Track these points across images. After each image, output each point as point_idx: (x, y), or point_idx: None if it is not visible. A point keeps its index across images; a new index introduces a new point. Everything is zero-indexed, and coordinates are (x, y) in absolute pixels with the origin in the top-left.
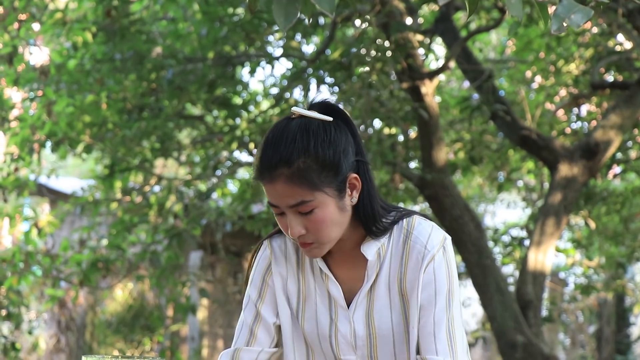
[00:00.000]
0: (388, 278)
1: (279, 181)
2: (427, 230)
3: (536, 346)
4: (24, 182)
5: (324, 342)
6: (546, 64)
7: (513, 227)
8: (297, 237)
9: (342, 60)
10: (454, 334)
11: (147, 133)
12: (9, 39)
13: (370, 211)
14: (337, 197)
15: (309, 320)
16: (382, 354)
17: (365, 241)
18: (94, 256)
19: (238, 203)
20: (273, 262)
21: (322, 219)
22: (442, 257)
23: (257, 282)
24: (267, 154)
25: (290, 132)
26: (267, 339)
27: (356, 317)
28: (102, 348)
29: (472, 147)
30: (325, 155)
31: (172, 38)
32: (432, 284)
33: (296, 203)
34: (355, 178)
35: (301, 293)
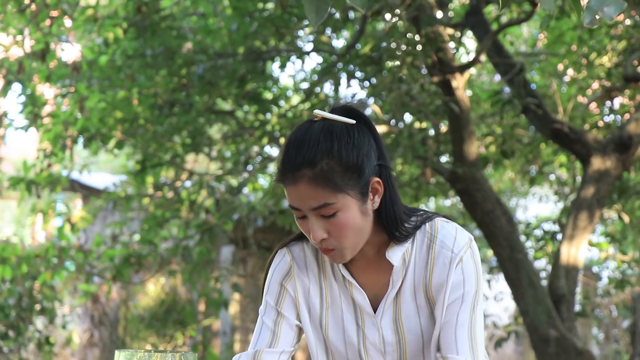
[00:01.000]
0: (413, 283)
1: (302, 183)
2: (452, 233)
3: (569, 341)
4: (57, 178)
5: (351, 349)
6: (578, 57)
7: (545, 221)
8: (319, 241)
9: (372, 55)
10: (476, 335)
11: (178, 128)
12: (42, 35)
13: (393, 216)
14: (360, 200)
15: (335, 328)
16: (411, 357)
17: (390, 247)
18: (127, 251)
19: (269, 198)
20: (295, 268)
21: (344, 222)
22: (470, 258)
23: (275, 288)
24: (290, 155)
25: (314, 134)
26: (290, 337)
27: (384, 323)
28: (135, 342)
29: (503, 141)
30: (349, 157)
31: (202, 33)
32: (462, 285)
33: (319, 205)
34: (377, 182)
35: (324, 301)
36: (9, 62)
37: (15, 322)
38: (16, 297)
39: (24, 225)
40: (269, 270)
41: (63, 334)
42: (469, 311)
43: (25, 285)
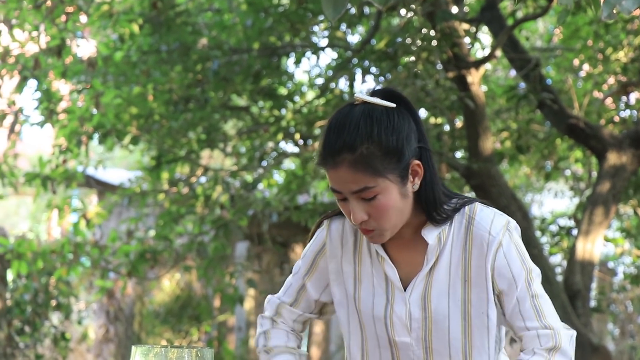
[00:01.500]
0: (449, 264)
1: (342, 167)
2: (490, 216)
3: (585, 336)
4: (72, 174)
5: (379, 323)
6: (594, 52)
7: (561, 217)
8: (359, 223)
9: (387, 50)
10: (541, 305)
11: (193, 124)
12: (57, 31)
13: (432, 198)
14: (399, 183)
15: (365, 302)
16: (437, 339)
17: (426, 226)
18: (142, 247)
19: (284, 193)
20: (328, 244)
21: (384, 205)
22: (510, 240)
23: (309, 259)
24: (331, 139)
25: (354, 118)
26: (308, 307)
27: (412, 299)
28: (151, 338)
29: (518, 136)
30: (389, 141)
31: (217, 29)
32: (507, 269)
33: (359, 189)
34: (417, 164)
35: (357, 274)
36: (25, 58)
37: (31, 317)
38: (32, 292)
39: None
40: (312, 238)
41: (79, 329)
42: (526, 291)
43: (41, 280)
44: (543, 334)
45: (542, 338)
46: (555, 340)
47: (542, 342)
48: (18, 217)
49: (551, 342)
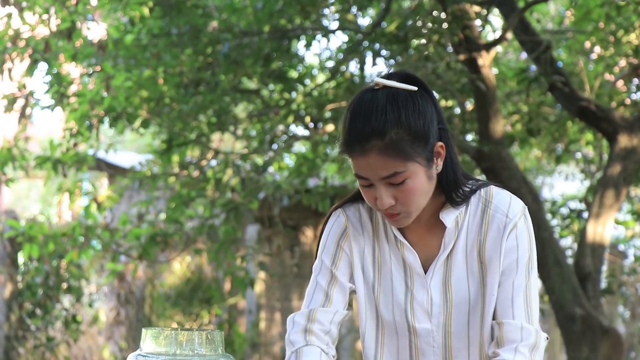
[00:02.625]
0: (465, 246)
1: (372, 153)
2: (507, 199)
3: (595, 319)
4: (83, 157)
5: (398, 310)
6: (605, 34)
7: (571, 200)
8: (386, 208)
9: (398, 33)
10: (531, 301)
11: (203, 107)
12: (67, 14)
13: (454, 179)
14: (426, 166)
15: (384, 289)
16: (456, 323)
17: (444, 208)
18: (153, 230)
19: (294, 176)
20: (350, 229)
21: (412, 189)
22: (524, 224)
23: (331, 247)
24: (358, 126)
25: (380, 103)
26: (342, 300)
27: (433, 284)
28: (161, 321)
29: (529, 119)
30: (417, 125)
31: (228, 12)
32: (515, 250)
33: (389, 174)
34: (440, 146)
35: (376, 261)
36: (35, 41)
37: (43, 300)
38: (43, 275)
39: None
40: (325, 230)
41: (90, 312)
42: (524, 277)
43: (52, 263)
44: (527, 328)
45: (525, 332)
46: (536, 339)
47: (523, 337)
48: (29, 200)
49: (532, 339)
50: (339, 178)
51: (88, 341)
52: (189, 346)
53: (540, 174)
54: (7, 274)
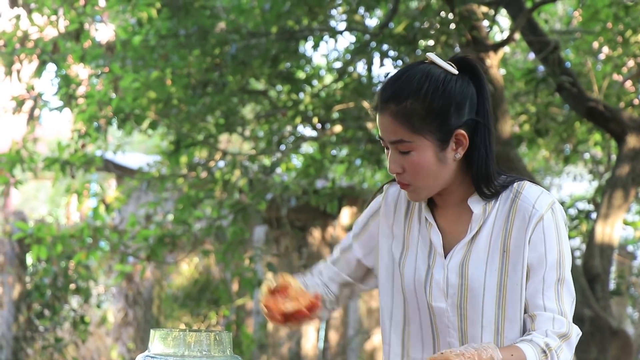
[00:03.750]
0: (491, 234)
1: (386, 115)
2: (537, 192)
3: (604, 320)
4: (91, 159)
5: (419, 288)
6: (614, 35)
7: (580, 200)
8: (395, 174)
9: (405, 34)
10: (563, 295)
11: (211, 108)
12: (76, 15)
13: (485, 173)
14: (437, 146)
15: (409, 266)
16: (471, 307)
17: (473, 195)
18: (161, 231)
19: (302, 177)
20: (383, 207)
21: (417, 162)
22: (552, 218)
23: (361, 222)
24: (386, 86)
25: (413, 72)
26: (347, 267)
27: (451, 265)
28: (169, 322)
29: (537, 120)
30: (434, 102)
31: (235, 13)
32: (542, 244)
33: (396, 140)
34: (462, 135)
35: (405, 239)
36: (44, 43)
37: (51, 301)
38: (51, 276)
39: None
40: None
41: (98, 313)
42: (554, 271)
43: (61, 264)
44: (559, 319)
45: (557, 322)
46: (568, 329)
47: (555, 326)
48: (37, 201)
49: (564, 329)
50: (347, 179)
51: (96, 342)
52: (197, 347)
53: (548, 175)
54: (16, 275)
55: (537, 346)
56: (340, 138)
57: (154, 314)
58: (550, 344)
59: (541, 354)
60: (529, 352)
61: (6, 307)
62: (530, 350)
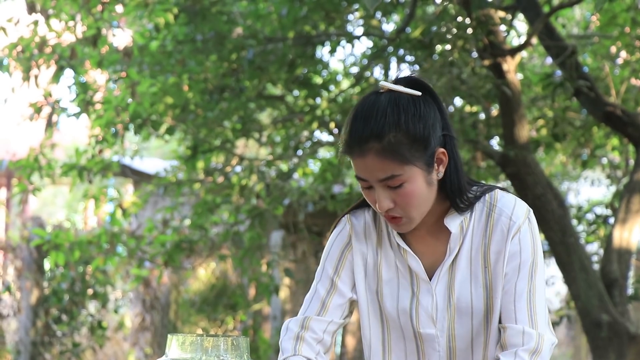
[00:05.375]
0: (470, 251)
1: (370, 155)
2: (511, 202)
3: (621, 325)
4: (108, 164)
5: (403, 316)
6: (631, 39)
7: (597, 205)
8: (385, 210)
9: (422, 39)
10: (535, 305)
11: (228, 114)
12: (93, 21)
13: (457, 185)
14: (425, 171)
15: (389, 296)
16: (460, 328)
17: (449, 214)
18: (178, 237)
19: (319, 183)
20: (354, 238)
21: (410, 192)
22: (528, 228)
23: (335, 255)
24: (358, 127)
25: (381, 106)
26: (338, 311)
27: (438, 290)
28: (186, 326)
29: (555, 124)
30: (416, 129)
31: (252, 18)
32: (518, 254)
33: (386, 177)
34: (442, 152)
35: (381, 269)
36: (61, 48)
37: (69, 306)
38: (69, 281)
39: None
40: (330, 238)
41: (115, 318)
42: (526, 280)
43: (78, 270)
44: (528, 332)
45: (526, 336)
46: (538, 343)
47: (525, 341)
48: (55, 207)
49: (533, 344)
50: None
51: (113, 347)
52: (214, 352)
53: (565, 180)
54: (34, 280)
55: None
56: None
57: (171, 319)
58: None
59: None
60: None
61: (24, 312)
62: None
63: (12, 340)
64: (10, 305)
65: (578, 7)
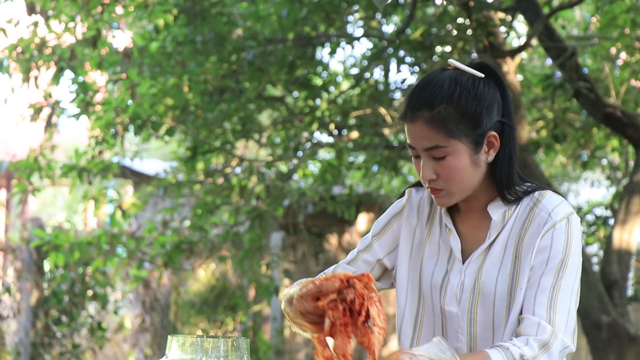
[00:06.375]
0: (507, 239)
1: (419, 122)
2: (556, 201)
3: (621, 326)
4: (108, 165)
5: (435, 292)
6: (631, 40)
7: (597, 206)
8: (428, 180)
9: (422, 40)
10: (556, 303)
11: (228, 115)
12: (93, 22)
13: (507, 175)
14: (472, 149)
15: (427, 270)
16: (481, 312)
17: (494, 202)
18: (178, 238)
19: (319, 184)
20: (407, 209)
21: (453, 167)
22: (564, 227)
23: (383, 221)
24: (414, 95)
25: (440, 79)
26: (365, 266)
27: (468, 271)
28: (186, 328)
29: (555, 126)
30: (467, 105)
31: (252, 19)
32: (548, 249)
33: (431, 146)
34: (494, 136)
35: (425, 244)
36: (61, 49)
37: (68, 307)
38: (69, 283)
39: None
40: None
41: (115, 319)
42: (552, 277)
43: (78, 271)
44: (543, 326)
45: (541, 329)
46: (550, 338)
47: (538, 332)
48: (54, 208)
49: (546, 336)
50: (364, 185)
51: (113, 348)
52: (214, 353)
53: (565, 181)
54: (33, 281)
55: (509, 355)
56: (357, 144)
57: (171, 320)
58: (525, 354)
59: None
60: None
61: (24, 314)
62: (500, 358)
63: (12, 342)
64: (10, 306)
65: (578, 8)
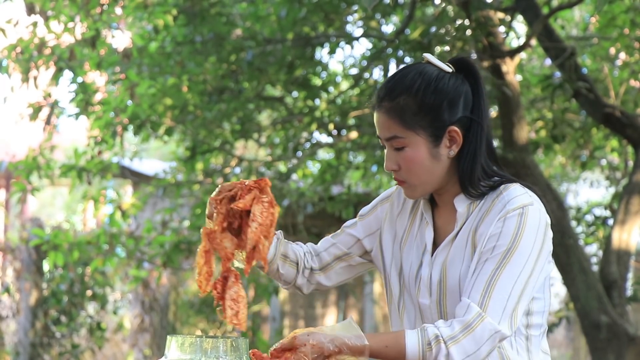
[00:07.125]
0: (468, 231)
1: (381, 112)
2: (517, 192)
3: (621, 326)
4: (108, 165)
5: (410, 283)
6: (631, 40)
7: (596, 206)
8: (390, 171)
9: (422, 40)
10: (492, 290)
11: (227, 115)
12: (92, 22)
13: (469, 171)
14: (431, 142)
15: (406, 260)
16: (450, 304)
17: (460, 195)
18: (177, 238)
19: (318, 184)
20: (395, 197)
21: (411, 158)
22: (517, 216)
23: (372, 204)
24: (382, 86)
25: (407, 71)
26: (347, 239)
27: (436, 263)
28: (185, 328)
29: (554, 126)
30: (425, 97)
31: (251, 20)
32: (496, 237)
33: (390, 136)
34: (455, 132)
35: (406, 232)
36: (61, 49)
37: (67, 307)
38: (68, 283)
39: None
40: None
41: (114, 319)
42: (495, 263)
43: (77, 271)
44: (472, 307)
45: (468, 310)
46: (474, 320)
47: (465, 314)
48: (54, 208)
49: (469, 317)
50: (363, 185)
51: (113, 348)
52: (213, 353)
53: (564, 181)
54: (33, 281)
55: (425, 336)
56: (356, 144)
57: (170, 320)
58: (442, 334)
59: (426, 346)
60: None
61: (23, 314)
62: (415, 340)
63: (11, 342)
64: (9, 306)
65: (577, 8)
